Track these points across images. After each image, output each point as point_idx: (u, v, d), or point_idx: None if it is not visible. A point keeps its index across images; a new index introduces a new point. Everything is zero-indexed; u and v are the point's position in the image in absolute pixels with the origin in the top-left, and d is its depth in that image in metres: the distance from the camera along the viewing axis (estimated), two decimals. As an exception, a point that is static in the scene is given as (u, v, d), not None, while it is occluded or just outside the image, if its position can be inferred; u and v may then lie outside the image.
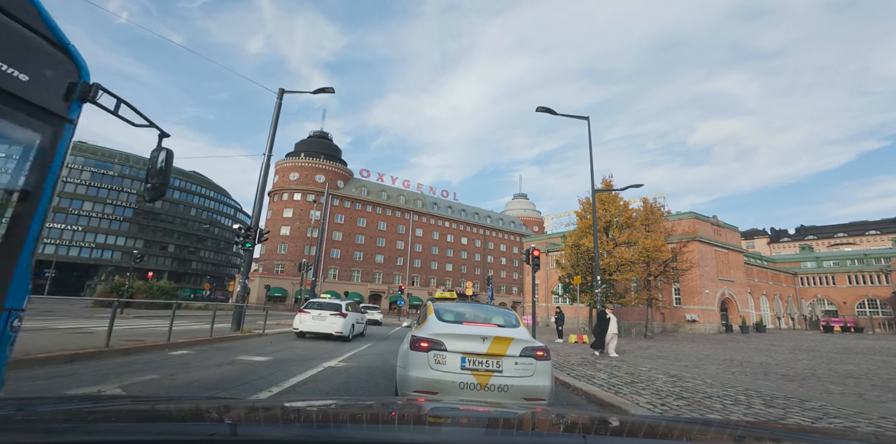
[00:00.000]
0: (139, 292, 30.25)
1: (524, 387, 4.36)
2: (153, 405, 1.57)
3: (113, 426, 1.16)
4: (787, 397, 6.68)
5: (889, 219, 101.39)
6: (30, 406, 1.41)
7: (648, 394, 6.47)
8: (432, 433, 1.34)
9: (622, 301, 25.55)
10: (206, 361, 8.01)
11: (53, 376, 5.82)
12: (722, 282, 37.05)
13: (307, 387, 6.11)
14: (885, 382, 8.93)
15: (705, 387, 7.38)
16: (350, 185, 67.00)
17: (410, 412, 1.66)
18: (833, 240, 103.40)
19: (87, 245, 69.05)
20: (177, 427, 1.18)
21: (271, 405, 1.87)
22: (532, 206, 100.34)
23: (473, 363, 4.37)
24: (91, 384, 5.47)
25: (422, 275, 70.66)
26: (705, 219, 37.92)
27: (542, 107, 15.01)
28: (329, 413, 1.60)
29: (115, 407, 1.48)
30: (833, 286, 52.77)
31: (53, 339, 8.79)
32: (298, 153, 65.13)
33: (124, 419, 1.28)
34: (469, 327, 4.95)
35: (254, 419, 1.40)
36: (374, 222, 67.28)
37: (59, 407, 1.45)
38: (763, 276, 48.32)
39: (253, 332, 13.80)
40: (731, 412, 5.42)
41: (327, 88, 14.96)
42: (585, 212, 25.90)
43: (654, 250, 24.58)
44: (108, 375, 6.11)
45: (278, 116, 15.58)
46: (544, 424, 1.51)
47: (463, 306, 5.94)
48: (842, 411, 5.72)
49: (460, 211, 79.88)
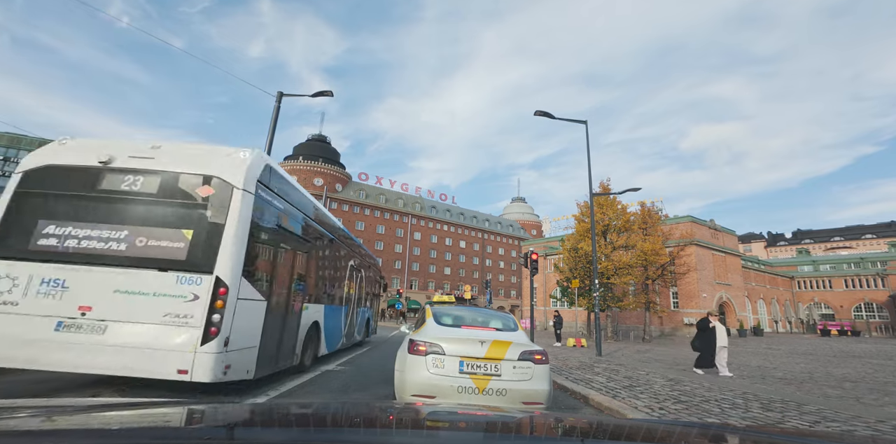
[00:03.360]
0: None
1: (522, 391, 4.36)
2: (150, 409, 1.56)
3: (109, 430, 1.15)
4: (784, 400, 6.68)
5: (885, 223, 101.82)
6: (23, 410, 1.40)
7: (646, 398, 6.46)
8: (430, 437, 1.33)
9: (620, 305, 25.55)
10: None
11: (50, 378, 5.77)
12: (719, 286, 37.10)
13: (305, 391, 6.08)
14: (883, 385, 8.94)
15: (703, 391, 7.37)
16: (348, 188, 67.00)
17: (408, 416, 1.65)
18: (830, 244, 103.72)
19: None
20: (173, 431, 1.17)
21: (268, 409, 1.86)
22: (530, 209, 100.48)
23: (471, 367, 4.36)
24: (87, 387, 5.43)
25: (420, 278, 70.53)
26: (703, 223, 38.03)
27: (541, 111, 15.06)
28: (326, 417, 1.59)
29: (111, 411, 1.47)
30: (830, 290, 52.88)
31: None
32: (297, 156, 65.14)
33: (119, 423, 1.27)
34: (467, 331, 4.94)
35: (251, 422, 1.39)
36: (373, 226, 67.22)
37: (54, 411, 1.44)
38: (760, 280, 48.41)
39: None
40: (729, 416, 5.42)
41: (326, 92, 14.98)
42: (583, 215, 25.94)
43: (651, 253, 24.62)
44: (104, 378, 6.07)
45: (277, 120, 15.58)
46: (542, 428, 1.50)
47: (461, 310, 5.94)
48: (839, 414, 5.72)
49: (459, 214, 79.91)
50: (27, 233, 4.85)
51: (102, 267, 4.74)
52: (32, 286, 4.67)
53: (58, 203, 5.02)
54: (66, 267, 4.72)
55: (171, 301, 4.64)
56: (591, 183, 15.74)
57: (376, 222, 67.83)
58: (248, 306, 5.19)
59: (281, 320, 6.25)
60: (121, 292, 4.66)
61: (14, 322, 4.54)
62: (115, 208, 4.97)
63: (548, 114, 15.14)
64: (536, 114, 15.13)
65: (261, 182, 5.43)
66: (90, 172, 5.09)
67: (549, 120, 15.29)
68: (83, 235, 4.84)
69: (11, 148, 66.07)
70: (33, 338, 4.51)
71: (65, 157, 5.23)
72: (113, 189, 5.02)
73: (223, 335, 4.65)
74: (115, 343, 4.52)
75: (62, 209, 4.97)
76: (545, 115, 15.12)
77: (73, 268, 4.72)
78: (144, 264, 4.77)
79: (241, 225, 4.98)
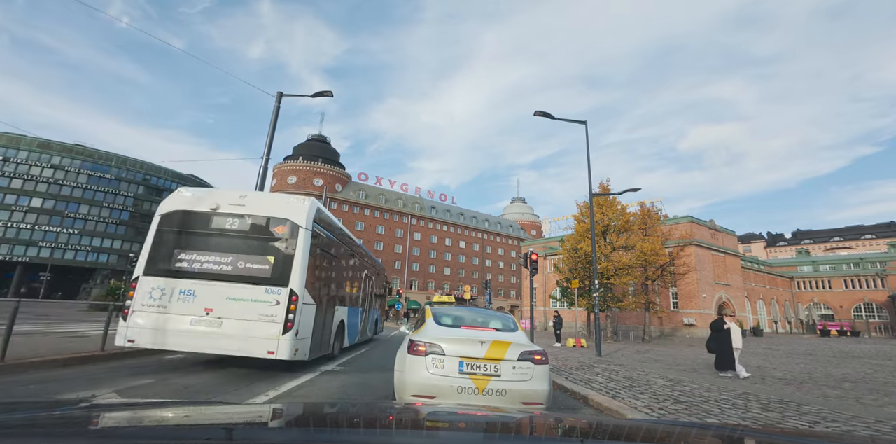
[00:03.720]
0: (135, 296, 30.05)
1: (522, 391, 4.35)
2: (148, 410, 1.56)
3: (107, 430, 1.15)
4: (784, 401, 6.68)
5: (884, 223, 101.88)
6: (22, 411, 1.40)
7: (646, 398, 6.46)
8: (430, 437, 1.33)
9: (620, 305, 25.55)
10: (202, 365, 7.96)
11: (47, 380, 5.77)
12: (719, 286, 37.12)
13: (304, 391, 6.07)
14: (882, 386, 8.94)
15: (703, 391, 7.37)
16: (348, 188, 66.99)
17: (408, 417, 1.65)
18: (829, 244, 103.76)
19: (83, 248, 68.65)
20: (172, 432, 1.17)
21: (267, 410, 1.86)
22: (530, 210, 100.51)
23: (471, 367, 4.36)
24: (85, 389, 5.42)
25: (420, 279, 70.53)
26: (702, 223, 38.04)
27: (540, 111, 15.06)
28: (326, 418, 1.59)
29: (110, 412, 1.47)
30: (829, 290, 52.91)
31: (48, 343, 8.71)
32: (296, 157, 65.08)
33: (118, 424, 1.27)
34: (467, 332, 4.94)
35: (250, 423, 1.39)
36: (372, 226, 67.22)
37: (52, 412, 1.44)
38: (760, 280, 48.43)
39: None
40: (729, 416, 5.42)
41: (325, 92, 14.99)
42: (583, 216, 25.95)
43: (651, 253, 24.63)
44: (103, 379, 6.06)
45: (276, 120, 15.58)
46: (542, 428, 1.50)
47: (461, 310, 5.93)
48: (839, 415, 5.72)
49: (458, 215, 79.91)
50: (168, 258, 6.98)
51: (218, 282, 6.85)
52: (175, 295, 6.78)
53: (185, 237, 7.14)
54: (194, 282, 6.83)
55: (262, 305, 6.73)
56: (590, 183, 15.75)
57: (376, 222, 67.83)
58: (307, 308, 7.30)
59: (323, 318, 8.41)
60: (230, 299, 6.76)
61: (166, 319, 6.68)
62: (223, 241, 7.12)
63: (548, 114, 15.14)
64: (536, 114, 15.14)
65: (314, 221, 7.61)
66: (204, 216, 7.23)
67: (549, 121, 15.30)
68: (204, 259, 6.97)
69: (10, 148, 66.04)
70: (178, 330, 6.62)
71: (186, 204, 7.35)
72: (220, 228, 7.20)
73: (295, 329, 6.74)
74: (229, 333, 6.60)
75: (188, 241, 7.10)
76: (545, 115, 15.12)
77: (199, 282, 6.83)
78: (244, 280, 6.87)
79: (305, 252, 7.16)
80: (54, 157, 68.66)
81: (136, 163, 76.65)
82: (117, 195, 73.02)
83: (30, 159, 67.08)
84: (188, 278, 6.84)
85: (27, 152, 67.23)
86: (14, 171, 65.35)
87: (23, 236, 64.29)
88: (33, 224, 65.19)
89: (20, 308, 6.55)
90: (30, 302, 28.61)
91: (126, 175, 74.81)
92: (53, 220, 66.69)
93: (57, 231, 66.72)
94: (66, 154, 69.75)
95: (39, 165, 67.40)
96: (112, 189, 72.59)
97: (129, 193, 74.25)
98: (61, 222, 67.35)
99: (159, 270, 6.93)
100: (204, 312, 6.67)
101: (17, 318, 6.48)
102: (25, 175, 66.07)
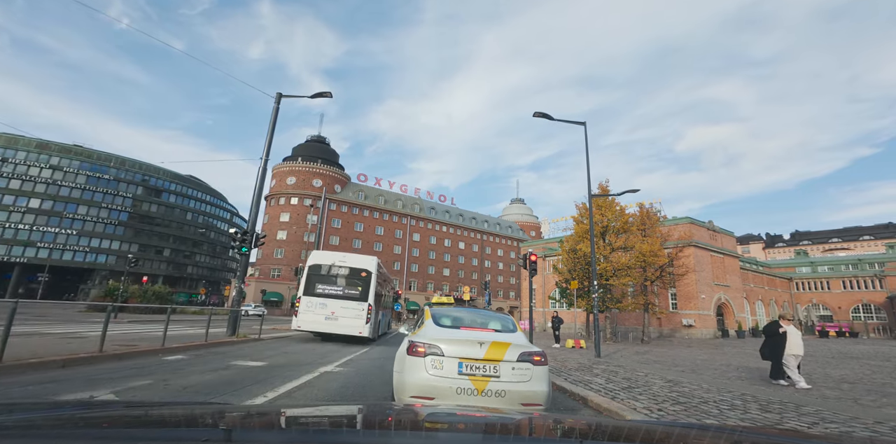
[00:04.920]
0: (134, 297, 30.03)
1: (521, 392, 4.35)
2: (146, 411, 1.56)
3: (105, 432, 1.15)
4: (783, 402, 6.69)
5: (882, 224, 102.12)
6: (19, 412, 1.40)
7: (645, 399, 6.46)
8: (429, 438, 1.33)
9: (619, 306, 25.57)
10: (200, 366, 7.94)
11: (45, 381, 5.75)
12: (718, 287, 37.16)
13: (303, 392, 6.06)
14: (881, 387, 8.96)
15: (702, 392, 7.38)
16: (347, 189, 66.95)
17: (407, 418, 1.65)
18: (828, 245, 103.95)
19: (81, 249, 68.46)
20: (170, 433, 1.17)
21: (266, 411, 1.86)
22: (529, 211, 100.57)
23: (470, 368, 4.35)
24: (83, 390, 5.41)
25: (419, 280, 70.50)
26: (701, 224, 38.10)
27: (540, 112, 15.08)
28: (325, 419, 1.59)
29: (108, 413, 1.47)
30: (828, 291, 53.01)
31: (46, 344, 8.69)
32: (296, 157, 65.04)
33: (116, 425, 1.27)
34: (466, 332, 4.93)
35: (249, 424, 1.39)
36: (372, 227, 67.18)
37: (50, 413, 1.44)
38: (759, 281, 48.50)
39: (249, 337, 13.71)
40: (728, 417, 5.42)
41: (325, 93, 14.99)
42: (582, 217, 25.98)
43: (650, 254, 24.66)
44: (101, 380, 6.04)
45: (276, 121, 15.59)
46: (541, 429, 1.50)
47: (460, 311, 5.92)
48: (837, 416, 5.73)
49: (458, 216, 79.91)
50: (314, 287, 14.63)
51: (336, 299, 14.49)
52: (318, 306, 14.34)
53: (320, 277, 14.82)
54: (325, 299, 14.46)
55: (356, 311, 14.41)
56: (589, 184, 15.76)
57: (375, 223, 67.80)
58: (374, 312, 14.88)
59: (377, 317, 15.67)
60: (343, 307, 14.38)
61: (317, 318, 14.26)
62: (338, 279, 14.87)
63: (547, 115, 15.16)
64: (535, 115, 15.16)
65: (377, 269, 15.54)
66: (327, 266, 14.96)
67: (548, 122, 15.32)
68: (329, 289, 14.70)
69: (9, 149, 65.92)
70: (318, 322, 14.29)
71: (318, 259, 15.14)
72: (336, 273, 14.91)
73: (371, 322, 14.57)
74: (342, 324, 14.26)
75: (321, 278, 14.81)
76: (544, 116, 15.15)
77: (328, 299, 14.47)
78: (348, 298, 14.55)
79: (374, 285, 14.94)
80: (53, 157, 68.50)
81: (135, 163, 76.52)
82: (116, 196, 72.82)
83: (28, 160, 66.90)
84: (323, 297, 14.38)
85: (25, 153, 67.08)
86: (12, 171, 65.18)
87: (21, 236, 64.12)
88: (31, 225, 65.02)
89: (18, 309, 6.53)
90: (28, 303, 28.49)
91: (125, 176, 74.65)
92: (52, 220, 66.52)
93: (55, 232, 66.53)
94: (64, 155, 69.60)
95: (38, 166, 67.22)
96: (111, 190, 72.40)
97: (127, 193, 74.09)
98: (59, 222, 67.16)
99: (309, 292, 14.42)
100: (331, 313, 14.20)
101: (15, 319, 6.46)
102: (24, 176, 65.89)
